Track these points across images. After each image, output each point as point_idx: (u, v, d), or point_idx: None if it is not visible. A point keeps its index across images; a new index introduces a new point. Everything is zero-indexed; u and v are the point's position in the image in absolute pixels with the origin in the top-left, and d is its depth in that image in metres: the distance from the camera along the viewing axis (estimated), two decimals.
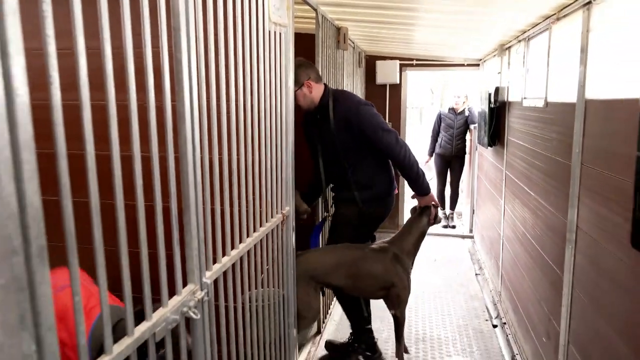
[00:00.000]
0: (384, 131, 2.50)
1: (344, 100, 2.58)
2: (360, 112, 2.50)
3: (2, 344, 0.66)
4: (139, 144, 1.00)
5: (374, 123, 2.50)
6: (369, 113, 2.52)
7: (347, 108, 2.52)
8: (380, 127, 2.50)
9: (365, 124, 2.49)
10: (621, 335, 1.51)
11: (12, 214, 0.67)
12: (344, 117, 2.51)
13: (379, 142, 2.50)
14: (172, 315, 1.13)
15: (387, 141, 2.49)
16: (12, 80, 0.66)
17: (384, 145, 2.50)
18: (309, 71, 2.52)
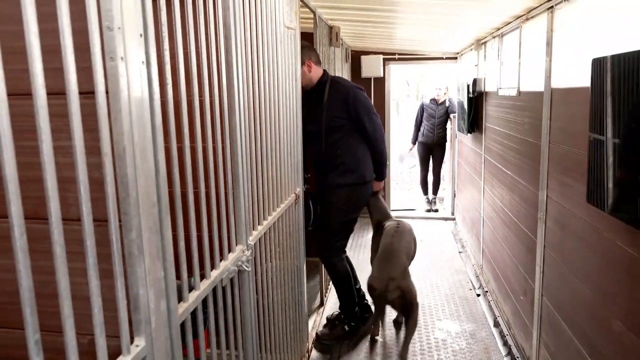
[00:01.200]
0: (374, 114, 2.83)
1: (343, 82, 2.89)
2: (357, 94, 2.79)
3: (149, 269, 0.95)
4: (201, 136, 1.28)
5: (367, 105, 2.81)
6: (363, 96, 2.83)
7: (345, 89, 2.81)
8: (372, 111, 2.83)
9: (360, 105, 2.78)
10: (582, 279, 1.86)
11: (152, 177, 0.95)
12: (341, 98, 2.78)
13: (368, 124, 2.80)
14: (231, 266, 1.42)
15: (375, 124, 2.82)
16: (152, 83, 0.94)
17: (371, 127, 2.81)
18: (310, 53, 2.80)
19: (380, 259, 2.64)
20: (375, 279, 2.58)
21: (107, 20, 0.82)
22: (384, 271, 2.56)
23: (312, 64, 2.80)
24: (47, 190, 0.70)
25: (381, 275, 2.55)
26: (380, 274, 2.57)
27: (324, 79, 2.85)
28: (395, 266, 2.57)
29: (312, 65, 2.80)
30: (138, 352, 0.91)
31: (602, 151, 1.47)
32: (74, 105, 0.75)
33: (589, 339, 1.80)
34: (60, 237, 0.71)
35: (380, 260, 2.63)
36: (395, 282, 2.51)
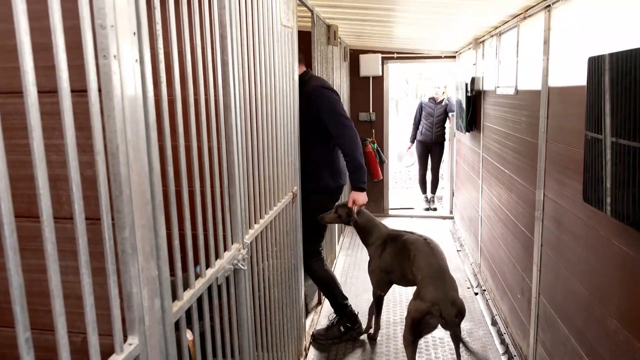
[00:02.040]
0: (341, 116, 2.60)
1: (312, 82, 2.68)
2: (320, 95, 2.60)
3: (142, 267, 0.95)
4: (196, 135, 1.28)
5: (331, 106, 2.60)
6: (328, 97, 2.61)
7: (312, 88, 2.62)
8: (337, 112, 2.60)
9: (323, 106, 2.59)
10: (578, 277, 1.86)
11: (145, 174, 0.95)
12: (308, 96, 2.59)
13: (332, 127, 2.59)
14: (227, 265, 1.42)
15: (341, 126, 2.58)
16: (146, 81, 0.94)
17: (337, 131, 2.59)
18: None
19: (432, 280, 2.38)
20: (433, 305, 2.28)
21: (100, 18, 0.82)
22: (444, 295, 2.30)
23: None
24: (39, 188, 0.69)
25: (440, 300, 2.28)
26: (439, 298, 2.29)
27: (302, 77, 2.65)
28: (453, 287, 2.38)
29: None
30: (131, 351, 0.91)
31: (599, 149, 1.47)
32: (66, 103, 0.75)
33: (585, 337, 1.80)
34: (51, 235, 0.71)
35: (434, 282, 2.36)
36: (456, 305, 2.32)
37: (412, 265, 2.53)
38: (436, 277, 2.39)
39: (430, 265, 2.45)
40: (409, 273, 2.59)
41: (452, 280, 2.43)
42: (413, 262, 2.53)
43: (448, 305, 2.28)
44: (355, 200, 2.72)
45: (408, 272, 2.59)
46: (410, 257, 2.56)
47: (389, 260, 2.73)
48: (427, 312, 2.30)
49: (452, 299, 2.32)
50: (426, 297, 2.31)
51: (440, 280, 2.37)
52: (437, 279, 2.38)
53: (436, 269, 2.43)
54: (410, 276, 2.58)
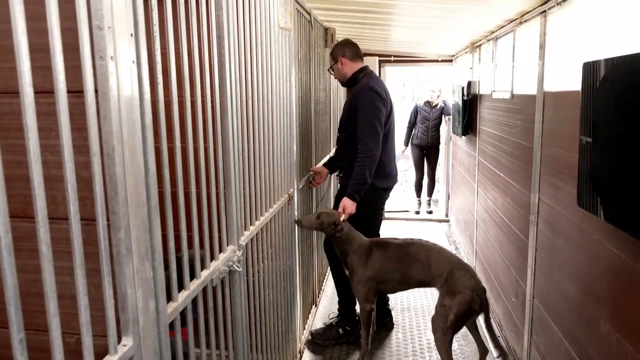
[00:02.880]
0: (368, 125, 2.58)
1: (365, 80, 2.73)
2: (364, 93, 2.62)
3: (137, 268, 0.95)
4: (192, 137, 1.28)
5: (367, 110, 2.59)
6: (368, 98, 2.60)
7: (360, 86, 2.69)
8: (369, 118, 2.58)
9: (360, 104, 2.61)
10: (571, 280, 1.88)
11: (141, 176, 0.95)
12: (354, 94, 2.71)
13: (359, 128, 2.61)
14: (222, 266, 1.42)
15: (364, 135, 2.58)
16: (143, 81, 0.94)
17: (360, 136, 2.60)
18: (344, 49, 2.76)
19: (463, 271, 2.41)
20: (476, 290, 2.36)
21: (97, 20, 0.82)
22: (478, 280, 2.41)
23: (345, 60, 2.78)
24: (34, 188, 0.69)
25: (479, 289, 2.37)
26: (477, 284, 2.38)
27: (357, 74, 2.77)
28: (473, 275, 2.43)
29: (346, 62, 2.78)
30: (125, 352, 0.91)
31: (594, 154, 1.48)
32: (62, 104, 0.75)
33: (577, 340, 1.81)
34: (46, 236, 0.71)
35: (466, 273, 2.41)
36: (482, 287, 2.41)
37: (429, 266, 2.48)
38: (462, 268, 2.43)
39: (451, 259, 2.48)
40: (420, 275, 2.50)
41: (470, 268, 2.50)
42: (429, 262, 2.49)
43: (482, 290, 2.39)
44: (346, 207, 2.62)
45: (419, 274, 2.51)
46: (422, 259, 2.51)
47: (380, 267, 2.56)
48: (472, 300, 2.34)
49: (481, 284, 2.43)
50: (465, 287, 2.36)
51: (467, 270, 2.43)
52: (463, 269, 2.42)
53: (458, 261, 2.48)
54: (422, 277, 2.51)
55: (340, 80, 2.91)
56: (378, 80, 2.82)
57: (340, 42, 2.80)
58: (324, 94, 3.67)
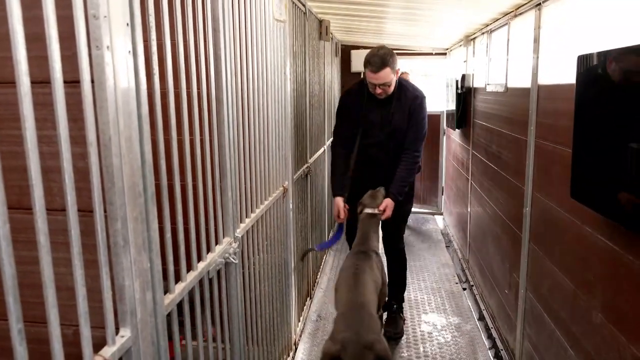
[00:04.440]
0: (423, 129, 2.73)
1: (410, 86, 2.76)
2: (422, 102, 2.71)
3: (135, 259, 0.95)
4: (188, 129, 1.28)
5: (424, 117, 2.72)
6: (424, 106, 2.74)
7: (412, 93, 2.70)
8: (424, 125, 2.73)
9: (419, 113, 2.69)
10: (564, 272, 1.90)
11: (138, 167, 0.95)
12: (409, 105, 2.67)
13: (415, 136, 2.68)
14: (218, 258, 1.42)
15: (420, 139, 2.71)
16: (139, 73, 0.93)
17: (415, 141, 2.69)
18: (395, 58, 2.60)
19: (345, 317, 2.01)
20: (342, 349, 1.84)
21: (93, 9, 0.81)
22: (357, 337, 1.87)
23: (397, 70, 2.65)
24: (31, 179, 0.69)
25: (351, 342, 1.85)
26: (351, 340, 1.86)
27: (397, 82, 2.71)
28: (369, 328, 1.92)
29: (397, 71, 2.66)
30: (123, 343, 0.91)
31: (589, 146, 1.49)
32: (59, 94, 0.74)
33: (570, 331, 1.84)
34: (44, 227, 0.71)
35: (347, 322, 1.97)
36: (372, 350, 1.85)
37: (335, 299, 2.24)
38: (352, 315, 2.00)
39: (348, 302, 2.09)
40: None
41: (373, 321, 1.99)
42: (336, 294, 2.28)
43: (361, 350, 1.84)
44: (388, 207, 2.61)
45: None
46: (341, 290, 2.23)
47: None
48: (335, 357, 1.85)
49: (368, 342, 1.86)
50: (337, 338, 1.90)
51: (357, 320, 1.95)
52: (352, 318, 1.98)
53: (354, 306, 2.04)
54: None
55: (387, 93, 2.64)
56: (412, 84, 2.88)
57: (386, 52, 2.52)
58: (318, 87, 3.66)
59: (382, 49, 2.54)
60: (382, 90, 2.60)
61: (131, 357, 0.95)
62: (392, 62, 2.52)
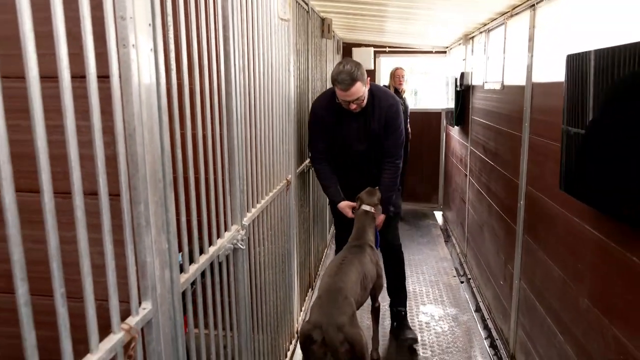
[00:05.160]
0: (402, 134, 2.69)
1: (381, 91, 2.69)
2: (397, 107, 2.66)
3: (155, 239, 1.04)
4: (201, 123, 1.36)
5: (401, 122, 2.68)
6: (400, 112, 2.69)
7: (385, 99, 2.64)
8: (403, 130, 2.69)
9: (395, 119, 2.63)
10: (554, 261, 1.99)
11: (158, 155, 1.04)
12: (384, 113, 2.62)
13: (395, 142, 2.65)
14: (227, 244, 1.52)
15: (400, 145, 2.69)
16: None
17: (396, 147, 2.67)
18: (363, 69, 2.53)
19: (321, 300, 2.11)
20: (315, 328, 1.97)
21: (121, 11, 0.90)
22: (327, 317, 1.98)
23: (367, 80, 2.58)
24: (71, 166, 0.78)
25: (323, 323, 1.96)
26: (322, 321, 1.98)
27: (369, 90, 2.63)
28: (341, 310, 2.02)
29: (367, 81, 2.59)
30: (145, 314, 1.01)
31: (576, 142, 1.58)
32: (93, 88, 0.83)
33: (560, 318, 1.93)
34: (82, 207, 0.80)
35: (321, 304, 2.08)
36: (342, 331, 1.95)
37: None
38: (326, 298, 2.10)
39: (326, 285, 2.20)
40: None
41: (347, 305, 2.07)
42: (320, 282, 2.37)
43: (333, 330, 1.93)
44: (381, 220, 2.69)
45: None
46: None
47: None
48: (308, 336, 1.97)
49: (339, 324, 1.95)
50: (311, 319, 2.03)
51: (330, 302, 2.06)
52: (326, 300, 2.08)
53: (330, 289, 2.14)
54: None
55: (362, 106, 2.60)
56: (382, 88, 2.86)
57: (352, 66, 2.45)
58: (320, 84, 3.75)
59: (348, 63, 2.47)
60: (356, 105, 2.54)
61: (152, 328, 1.04)
62: (360, 75, 2.44)
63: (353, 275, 2.27)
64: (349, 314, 2.04)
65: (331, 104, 2.63)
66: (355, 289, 2.23)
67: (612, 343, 1.49)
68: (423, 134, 5.99)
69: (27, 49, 0.69)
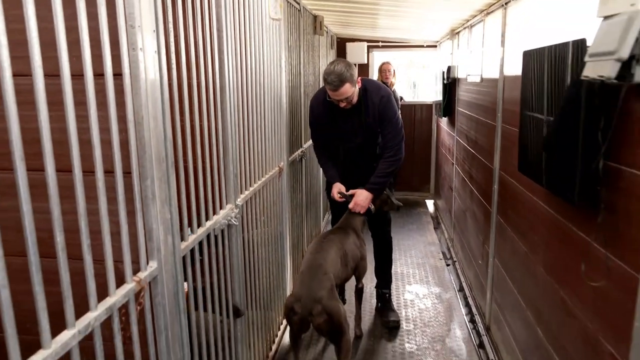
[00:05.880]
0: (399, 125, 2.82)
1: (374, 86, 2.81)
2: (390, 102, 2.79)
3: (160, 210, 1.25)
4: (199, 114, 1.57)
5: (396, 112, 2.82)
6: (394, 102, 2.82)
7: (377, 93, 2.77)
8: (399, 120, 2.81)
9: (391, 110, 2.76)
10: (519, 236, 2.20)
11: (162, 139, 1.25)
12: (377, 107, 2.76)
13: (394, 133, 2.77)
14: (222, 220, 1.73)
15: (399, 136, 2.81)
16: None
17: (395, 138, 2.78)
18: (354, 68, 2.65)
19: (303, 276, 2.29)
20: (297, 300, 2.18)
21: (131, 21, 1.11)
22: (307, 291, 2.18)
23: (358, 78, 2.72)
24: (94, 149, 0.99)
25: (303, 296, 2.17)
26: (302, 294, 2.18)
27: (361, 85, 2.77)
28: (321, 284, 2.20)
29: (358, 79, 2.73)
30: (152, 271, 1.22)
31: (529, 127, 1.79)
32: (109, 85, 1.04)
33: (523, 287, 2.15)
34: (103, 183, 1.01)
35: (302, 279, 2.27)
36: (320, 303, 2.14)
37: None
38: (307, 273, 2.29)
39: (308, 262, 2.38)
40: None
41: (327, 280, 2.25)
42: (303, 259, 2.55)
43: (310, 302, 2.14)
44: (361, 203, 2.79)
45: None
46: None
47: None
48: (291, 308, 2.19)
49: (318, 296, 2.15)
50: (293, 293, 2.25)
51: (311, 277, 2.25)
52: (307, 275, 2.27)
53: (311, 265, 2.33)
54: None
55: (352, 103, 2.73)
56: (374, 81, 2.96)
57: (343, 67, 2.56)
58: (313, 78, 3.95)
59: (339, 64, 2.57)
60: (346, 103, 2.68)
61: (157, 283, 1.25)
62: (350, 77, 2.56)
63: (333, 252, 2.46)
64: (327, 288, 2.22)
65: (326, 101, 2.78)
66: (335, 265, 2.42)
67: (559, 304, 1.70)
68: (415, 125, 6.20)
69: (61, 52, 0.89)
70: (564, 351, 1.66)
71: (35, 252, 0.81)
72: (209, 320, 1.68)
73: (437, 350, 2.75)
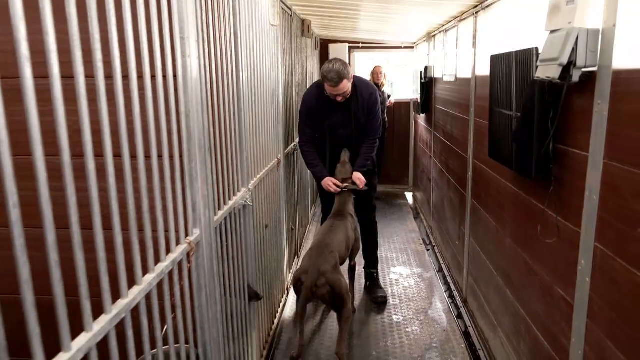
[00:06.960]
0: (380, 117, 3.20)
1: (363, 82, 3.17)
2: (375, 94, 3.14)
3: (201, 187, 1.53)
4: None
5: (379, 107, 3.18)
6: (378, 97, 3.18)
7: (366, 89, 3.11)
8: (379, 111, 3.18)
9: (375, 104, 3.13)
10: (490, 214, 2.55)
11: (202, 128, 1.53)
12: (366, 101, 3.10)
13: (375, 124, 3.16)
14: (240, 200, 2.01)
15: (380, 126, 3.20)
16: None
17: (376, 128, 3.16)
18: (349, 67, 2.97)
19: (311, 252, 2.60)
20: (304, 272, 2.47)
21: (182, 33, 1.39)
22: (313, 265, 2.47)
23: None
24: (137, 137, 1.26)
25: (310, 269, 2.45)
26: (309, 267, 2.47)
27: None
28: (326, 260, 2.50)
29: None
30: (196, 237, 1.50)
31: (497, 119, 2.13)
32: (170, 85, 1.32)
33: (494, 258, 2.50)
34: (157, 167, 1.28)
35: (311, 254, 2.57)
36: (324, 276, 2.43)
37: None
38: (315, 249, 2.58)
39: (317, 241, 2.67)
40: None
41: (332, 257, 2.54)
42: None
43: (315, 274, 2.41)
44: (360, 178, 3.13)
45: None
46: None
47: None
48: (298, 279, 2.47)
49: (322, 270, 2.44)
50: (301, 266, 2.55)
51: (317, 253, 2.54)
52: (315, 251, 2.57)
53: (319, 244, 2.62)
54: None
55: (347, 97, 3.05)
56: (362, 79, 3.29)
57: (340, 65, 2.92)
58: (302, 77, 4.24)
59: (337, 63, 2.92)
60: (342, 97, 3.01)
61: (200, 247, 1.53)
62: (347, 74, 2.91)
63: (340, 235, 2.78)
64: (332, 264, 2.51)
65: (320, 95, 3.08)
66: (341, 246, 2.73)
67: (523, 266, 2.05)
68: (395, 122, 6.57)
69: (114, 55, 1.17)
70: (528, 305, 2.01)
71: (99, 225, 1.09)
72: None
73: (421, 320, 3.09)
